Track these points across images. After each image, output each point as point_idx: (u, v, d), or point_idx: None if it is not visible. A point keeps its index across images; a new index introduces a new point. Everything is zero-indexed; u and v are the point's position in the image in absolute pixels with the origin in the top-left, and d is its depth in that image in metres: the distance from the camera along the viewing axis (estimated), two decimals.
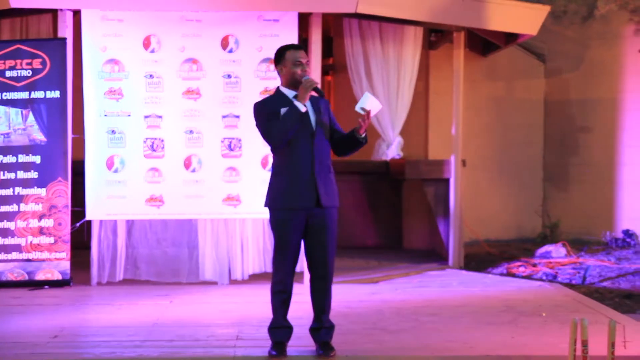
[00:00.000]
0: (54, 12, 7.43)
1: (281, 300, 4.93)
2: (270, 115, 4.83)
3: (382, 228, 9.95)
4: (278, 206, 4.89)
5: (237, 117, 7.31)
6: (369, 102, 4.81)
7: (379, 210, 9.95)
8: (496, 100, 10.56)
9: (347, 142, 4.97)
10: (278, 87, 4.99)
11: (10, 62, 7.20)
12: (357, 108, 4.81)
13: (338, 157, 5.16)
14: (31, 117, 7.20)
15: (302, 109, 4.78)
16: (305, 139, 4.82)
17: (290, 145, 4.82)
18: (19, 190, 7.19)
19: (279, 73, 4.98)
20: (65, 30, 7.24)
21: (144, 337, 5.38)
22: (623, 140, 10.05)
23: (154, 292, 7.00)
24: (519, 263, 8.62)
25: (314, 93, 4.87)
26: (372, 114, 4.82)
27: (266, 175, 7.11)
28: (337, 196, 4.97)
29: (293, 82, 4.88)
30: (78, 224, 7.32)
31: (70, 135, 7.26)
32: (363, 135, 4.89)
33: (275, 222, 4.92)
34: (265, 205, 4.97)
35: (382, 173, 9.37)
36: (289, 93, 4.89)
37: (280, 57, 4.94)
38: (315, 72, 7.23)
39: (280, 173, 4.91)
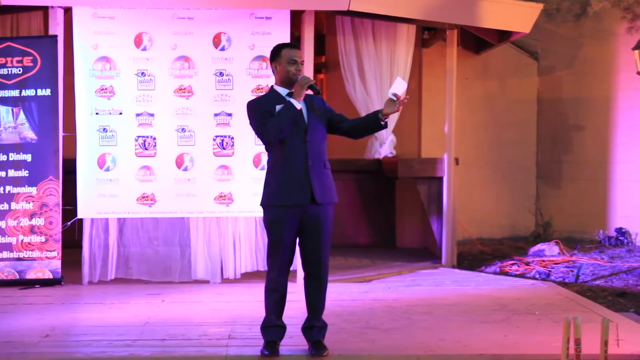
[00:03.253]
0: (44, 10, 7.39)
1: (275, 299, 4.91)
2: (264, 113, 4.81)
3: (375, 226, 9.93)
4: (271, 204, 4.86)
5: (230, 115, 7.29)
6: (400, 87, 4.78)
7: (372, 208, 9.93)
8: (489, 98, 10.55)
9: (367, 126, 4.95)
10: (272, 86, 4.98)
11: (0, 60, 7.16)
12: (390, 94, 4.76)
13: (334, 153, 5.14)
14: (22, 115, 7.16)
15: (298, 106, 4.76)
16: (298, 136, 4.81)
17: (283, 143, 4.80)
18: (9, 188, 7.15)
19: (273, 71, 4.97)
20: (56, 27, 7.20)
21: (136, 336, 5.35)
22: (616, 138, 10.04)
23: (145, 291, 6.98)
24: (512, 261, 8.61)
25: (309, 91, 4.85)
26: (402, 96, 4.79)
27: (258, 174, 7.18)
28: (334, 192, 4.95)
29: (287, 80, 4.88)
30: (69, 223, 7.29)
31: (61, 134, 7.22)
32: (386, 121, 4.88)
33: (269, 220, 4.90)
34: (261, 204, 4.94)
35: (375, 171, 9.35)
36: (283, 91, 4.89)
37: (276, 55, 4.92)
38: (307, 70, 7.21)
39: (274, 171, 4.89)
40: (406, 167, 8.76)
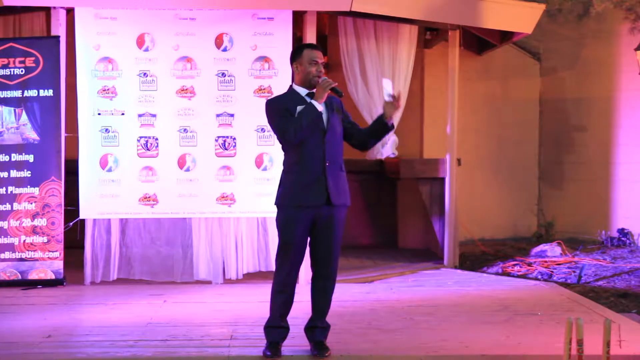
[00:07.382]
0: (47, 10, 7.40)
1: (282, 300, 4.91)
2: (284, 112, 4.79)
3: (377, 227, 9.93)
4: (287, 204, 4.84)
5: (232, 115, 7.29)
6: (389, 86, 4.89)
7: (374, 209, 9.93)
8: (491, 99, 10.55)
9: (375, 131, 5.00)
10: (291, 85, 4.97)
11: (3, 61, 7.17)
12: (386, 97, 4.86)
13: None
14: (24, 115, 7.17)
15: (319, 108, 4.75)
16: (316, 137, 4.79)
17: (301, 144, 4.78)
18: (12, 189, 7.15)
19: (293, 71, 4.96)
20: (59, 28, 7.21)
21: (138, 336, 5.36)
22: (618, 138, 10.03)
23: (147, 292, 6.98)
24: (514, 262, 8.60)
25: (331, 93, 4.86)
26: (395, 92, 4.91)
27: (260, 175, 7.18)
28: (349, 195, 4.97)
29: (307, 81, 4.87)
30: (71, 223, 7.29)
31: (63, 134, 7.23)
32: (392, 122, 4.95)
33: (282, 220, 4.87)
34: (275, 204, 4.93)
35: (377, 172, 9.35)
36: (302, 92, 4.88)
37: (297, 54, 4.92)
38: None
39: (291, 171, 4.87)
40: (408, 168, 8.76)
